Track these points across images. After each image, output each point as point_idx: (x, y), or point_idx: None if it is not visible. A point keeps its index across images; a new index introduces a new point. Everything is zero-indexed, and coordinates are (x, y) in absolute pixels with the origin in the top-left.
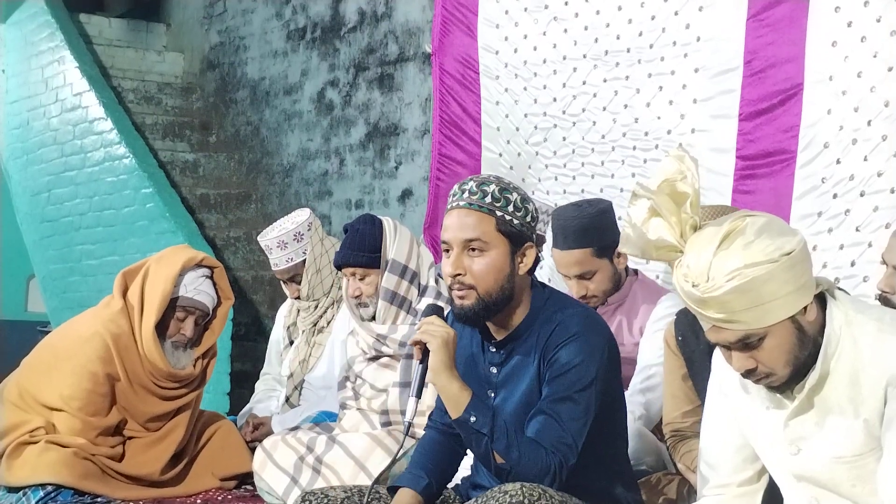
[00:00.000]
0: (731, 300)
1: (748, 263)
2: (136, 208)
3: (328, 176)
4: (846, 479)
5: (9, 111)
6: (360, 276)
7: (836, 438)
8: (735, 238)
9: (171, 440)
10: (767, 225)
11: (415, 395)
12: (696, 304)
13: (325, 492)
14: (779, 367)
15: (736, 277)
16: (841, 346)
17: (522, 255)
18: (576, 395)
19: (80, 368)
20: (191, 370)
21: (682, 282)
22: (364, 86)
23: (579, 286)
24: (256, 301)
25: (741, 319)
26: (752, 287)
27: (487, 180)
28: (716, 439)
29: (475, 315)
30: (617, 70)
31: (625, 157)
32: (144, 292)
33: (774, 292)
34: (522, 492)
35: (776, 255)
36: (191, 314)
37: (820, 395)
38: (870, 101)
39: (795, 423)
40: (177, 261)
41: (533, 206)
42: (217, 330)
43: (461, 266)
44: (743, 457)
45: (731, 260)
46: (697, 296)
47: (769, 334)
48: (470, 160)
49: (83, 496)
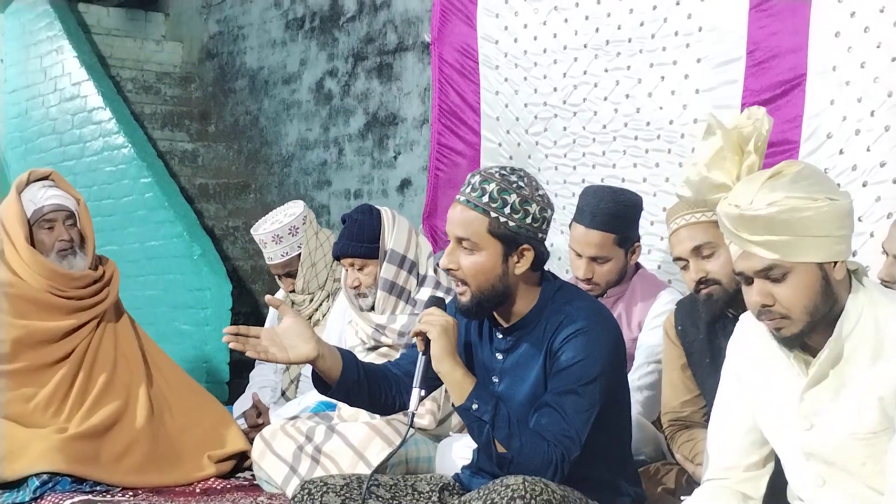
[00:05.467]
0: (767, 224)
1: (791, 195)
2: (135, 198)
3: (327, 166)
4: (858, 457)
5: (7, 100)
6: (359, 267)
7: (851, 415)
8: (786, 175)
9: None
10: (819, 174)
11: (417, 386)
12: (733, 224)
13: (324, 480)
14: (796, 310)
15: (776, 203)
16: (862, 323)
17: (519, 255)
18: (581, 389)
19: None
20: (89, 271)
21: (725, 206)
22: (363, 75)
23: (588, 268)
24: (256, 291)
25: (772, 247)
26: (791, 217)
27: (491, 177)
28: (726, 421)
29: (470, 310)
30: (618, 60)
31: (626, 148)
32: (2, 230)
33: (810, 230)
34: (524, 486)
35: (820, 196)
36: (55, 221)
37: (837, 369)
38: (873, 92)
39: (811, 398)
40: (10, 190)
41: (537, 206)
42: (87, 227)
43: (454, 261)
44: (751, 440)
45: (776, 190)
46: (737, 213)
47: (795, 271)
48: (469, 150)
49: (81, 484)
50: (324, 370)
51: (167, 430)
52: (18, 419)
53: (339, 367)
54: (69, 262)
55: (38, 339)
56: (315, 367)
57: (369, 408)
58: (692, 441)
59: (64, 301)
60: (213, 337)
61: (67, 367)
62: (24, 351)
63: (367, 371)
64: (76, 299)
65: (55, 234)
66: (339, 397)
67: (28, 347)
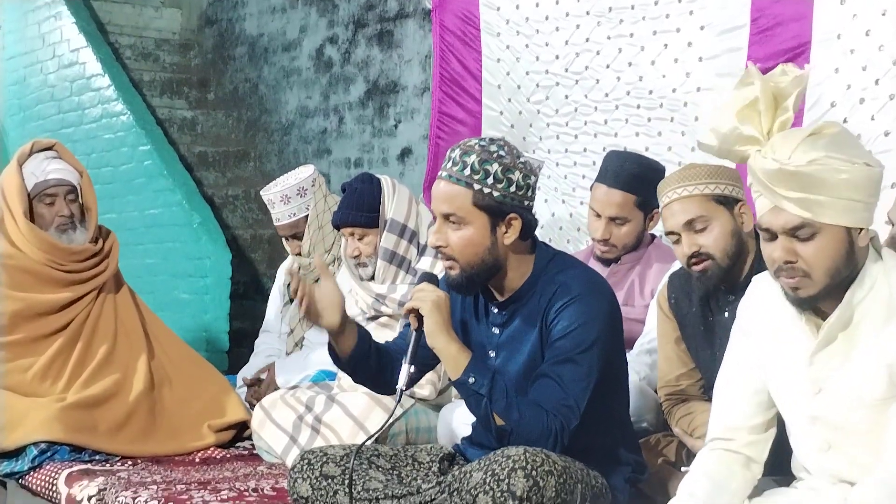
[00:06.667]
0: (804, 180)
1: (831, 155)
2: (134, 166)
3: (327, 134)
4: (863, 424)
5: (6, 67)
6: (359, 236)
7: (859, 381)
8: (826, 134)
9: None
10: (855, 139)
11: (409, 362)
12: (769, 178)
13: (324, 450)
14: (819, 270)
15: (816, 161)
16: (876, 290)
17: (507, 225)
18: (578, 357)
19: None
20: (88, 246)
21: (759, 160)
22: (363, 43)
23: (606, 229)
24: (255, 260)
25: (805, 205)
26: (827, 177)
27: (471, 149)
28: (733, 381)
29: (461, 285)
30: (621, 27)
31: (629, 116)
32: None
33: (845, 192)
34: (525, 457)
35: (858, 160)
36: (56, 196)
37: (846, 333)
38: (878, 60)
39: (819, 361)
40: (11, 160)
41: (520, 174)
42: (90, 199)
43: (442, 238)
44: (758, 401)
45: (816, 148)
46: (773, 167)
47: (823, 232)
48: (470, 118)
49: (80, 453)
50: (339, 341)
51: (167, 401)
52: (16, 389)
53: (353, 340)
54: (68, 236)
55: (37, 311)
56: (333, 338)
57: (373, 385)
58: (690, 415)
59: (62, 274)
60: (213, 306)
61: (65, 337)
62: (22, 323)
63: (378, 349)
64: (75, 272)
65: (55, 208)
66: (347, 370)
67: (26, 319)
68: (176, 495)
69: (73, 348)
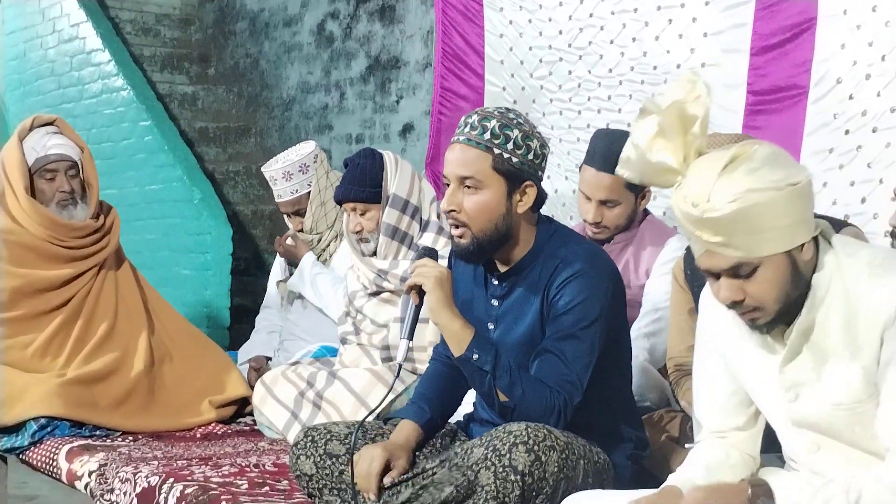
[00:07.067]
0: (729, 223)
1: (752, 188)
2: (135, 141)
3: (328, 110)
4: (846, 425)
5: (6, 42)
6: (361, 212)
7: (834, 385)
8: (741, 163)
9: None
10: (775, 155)
11: (406, 337)
12: (692, 225)
13: (327, 427)
14: (768, 302)
15: (738, 200)
16: (832, 293)
17: (522, 193)
18: (580, 332)
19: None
20: (90, 222)
21: (680, 202)
22: (365, 18)
23: (597, 212)
24: (256, 236)
25: (737, 245)
26: (753, 213)
27: (490, 115)
28: (707, 385)
29: (471, 253)
30: (625, 2)
31: (632, 92)
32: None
33: (774, 222)
34: (527, 432)
35: (781, 184)
36: (57, 171)
37: (812, 341)
38: (884, 36)
39: (790, 370)
40: (12, 136)
41: (538, 142)
42: (91, 175)
43: (456, 202)
44: (737, 401)
45: (735, 183)
46: (696, 216)
47: (762, 265)
48: (472, 94)
49: (81, 428)
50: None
51: (167, 377)
52: (16, 365)
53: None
54: (69, 212)
55: (37, 287)
56: None
57: None
58: None
59: (63, 250)
60: (214, 282)
61: (66, 313)
62: (23, 299)
63: (441, 406)
64: (76, 248)
65: (56, 184)
66: None
67: (27, 296)
68: (177, 471)
69: (74, 325)
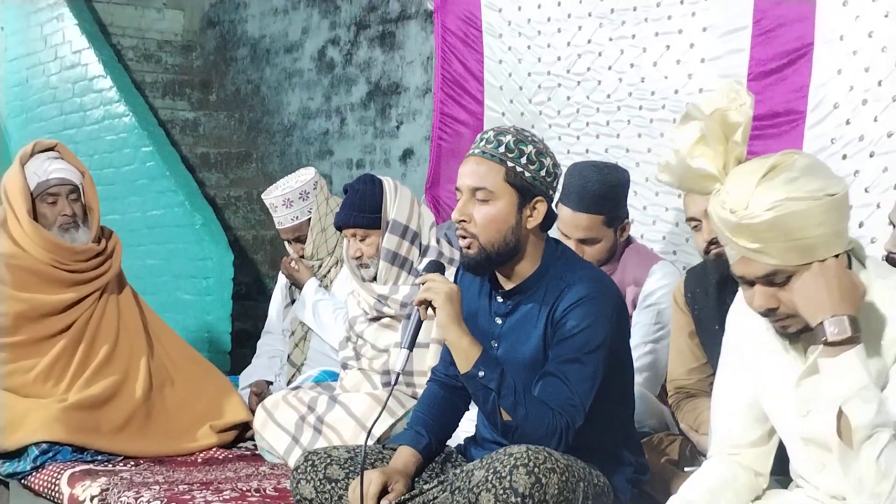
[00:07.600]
0: (766, 231)
1: (790, 197)
2: (136, 167)
3: (329, 135)
4: None
5: (8, 69)
6: (361, 237)
7: None
8: (781, 172)
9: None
10: (814, 165)
11: (406, 347)
12: (730, 232)
13: (328, 452)
14: (803, 311)
15: (776, 208)
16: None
17: (532, 208)
18: (584, 357)
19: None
20: (92, 245)
21: (718, 209)
22: (365, 44)
23: (577, 249)
24: (257, 261)
25: (773, 253)
26: (790, 221)
27: (506, 131)
28: (727, 396)
29: (478, 264)
30: (623, 28)
31: (631, 117)
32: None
33: (810, 231)
34: (528, 455)
35: (819, 193)
36: (58, 195)
37: None
38: (881, 61)
39: (807, 385)
40: (14, 161)
41: (551, 161)
42: (93, 199)
43: (466, 213)
44: (754, 415)
45: (773, 191)
46: (734, 222)
47: (798, 273)
48: (472, 119)
49: (82, 453)
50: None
51: (169, 402)
52: (19, 391)
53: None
54: (71, 235)
55: (40, 312)
56: None
57: None
58: (696, 410)
59: (66, 274)
60: (215, 307)
61: (68, 338)
62: (26, 324)
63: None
64: (78, 272)
65: (58, 208)
66: None
67: (30, 321)
68: (178, 495)
69: (76, 349)
